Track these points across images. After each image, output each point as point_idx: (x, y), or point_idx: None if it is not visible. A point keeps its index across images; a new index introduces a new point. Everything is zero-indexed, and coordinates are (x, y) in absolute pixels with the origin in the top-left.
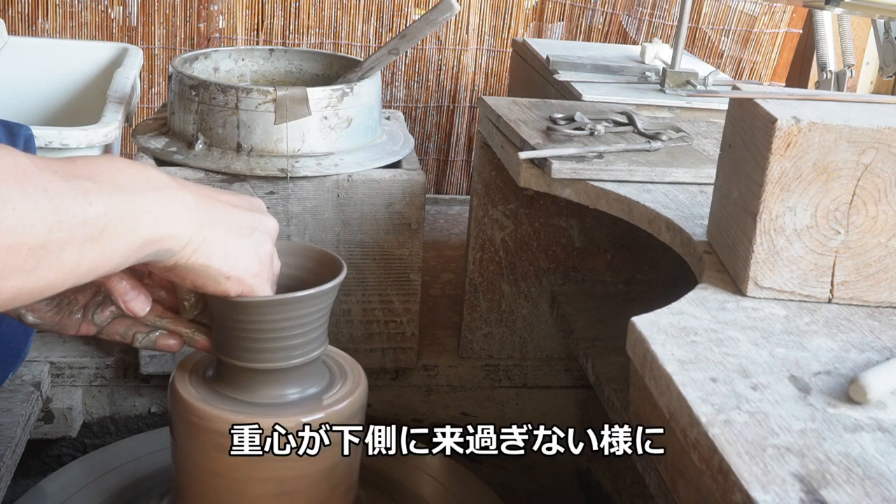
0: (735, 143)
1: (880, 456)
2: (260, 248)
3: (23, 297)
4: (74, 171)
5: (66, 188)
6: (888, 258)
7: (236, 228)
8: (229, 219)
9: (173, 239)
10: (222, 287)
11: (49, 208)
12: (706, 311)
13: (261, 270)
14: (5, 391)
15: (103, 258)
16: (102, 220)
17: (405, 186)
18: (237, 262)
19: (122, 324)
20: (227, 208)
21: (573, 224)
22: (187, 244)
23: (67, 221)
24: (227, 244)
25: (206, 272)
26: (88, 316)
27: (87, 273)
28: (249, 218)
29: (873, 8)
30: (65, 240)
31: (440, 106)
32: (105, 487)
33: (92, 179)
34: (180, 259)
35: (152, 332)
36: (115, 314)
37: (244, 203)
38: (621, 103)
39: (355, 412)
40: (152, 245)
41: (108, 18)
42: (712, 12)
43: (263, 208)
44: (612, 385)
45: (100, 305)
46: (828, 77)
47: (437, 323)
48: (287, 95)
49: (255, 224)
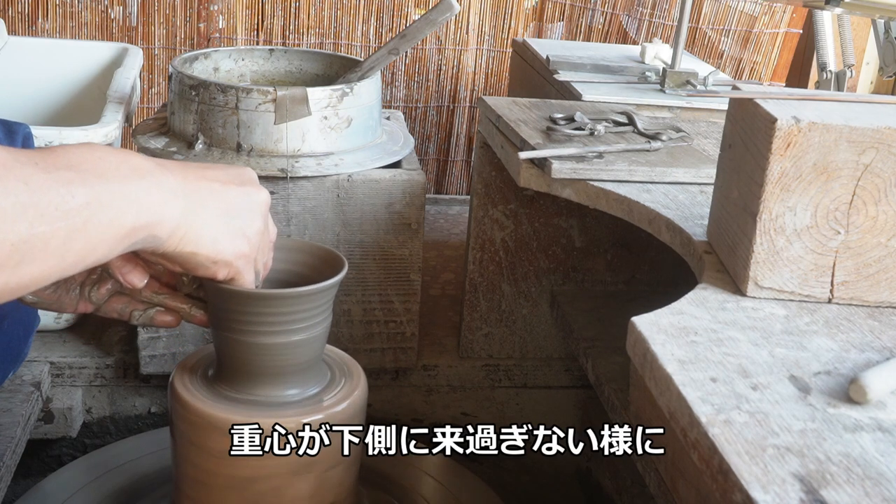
0: (735, 143)
1: (880, 456)
2: (249, 227)
3: (7, 293)
4: (55, 162)
5: (46, 180)
6: (888, 258)
7: (224, 209)
8: (218, 199)
9: (159, 226)
10: (210, 271)
11: (30, 202)
12: (706, 311)
13: (250, 251)
14: (5, 391)
15: (88, 249)
16: (85, 211)
17: (405, 186)
18: (225, 245)
19: (120, 301)
20: (215, 187)
21: (573, 224)
22: (174, 232)
23: (50, 214)
24: (216, 227)
25: (195, 259)
26: (86, 293)
27: (73, 265)
28: (239, 196)
29: (873, 8)
30: (48, 233)
31: (440, 106)
32: (105, 487)
33: (73, 169)
34: (168, 247)
35: (150, 309)
36: (111, 291)
37: (234, 178)
38: (621, 103)
39: (355, 412)
40: (138, 233)
41: (108, 18)
42: (712, 12)
43: (255, 180)
44: (612, 385)
45: (96, 283)
46: (828, 77)
47: (437, 323)
48: (287, 95)
49: (244, 203)
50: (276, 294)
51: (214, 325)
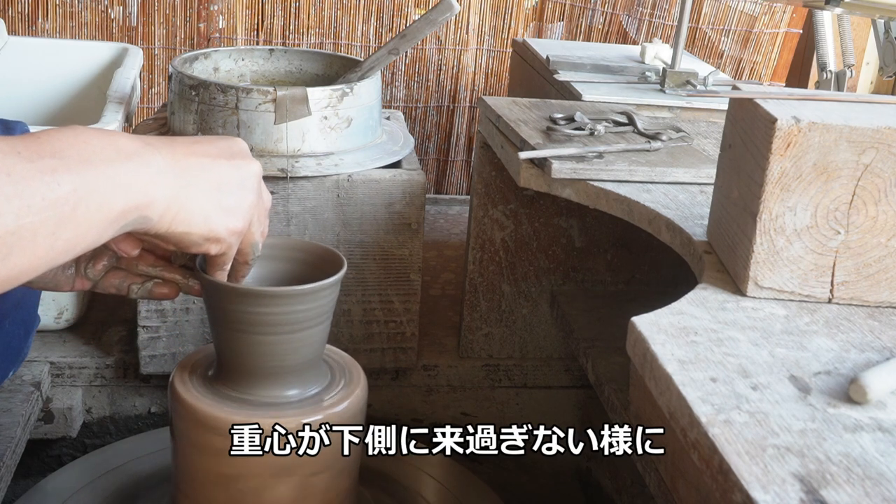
0: (735, 143)
1: (880, 456)
2: (241, 202)
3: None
4: (39, 150)
5: (31, 170)
6: (888, 258)
7: (215, 184)
8: (207, 175)
9: (149, 207)
10: (203, 248)
11: (14, 193)
12: (706, 311)
13: (242, 226)
14: (5, 391)
15: (78, 237)
16: (72, 198)
17: (405, 186)
18: (217, 223)
19: (117, 276)
20: (204, 163)
21: (573, 224)
22: (165, 212)
23: (36, 204)
24: (207, 205)
25: (188, 238)
26: (82, 270)
27: (63, 253)
28: (229, 170)
29: (873, 8)
30: (36, 223)
31: (440, 106)
32: (105, 487)
33: (58, 156)
34: (160, 227)
35: (147, 282)
36: (108, 267)
37: (223, 151)
38: (621, 103)
39: (355, 412)
40: (128, 216)
41: (108, 18)
42: (712, 12)
43: (244, 151)
44: (612, 385)
45: (92, 259)
46: (828, 77)
47: (437, 323)
48: (287, 95)
49: (235, 176)
50: (277, 292)
51: (214, 324)
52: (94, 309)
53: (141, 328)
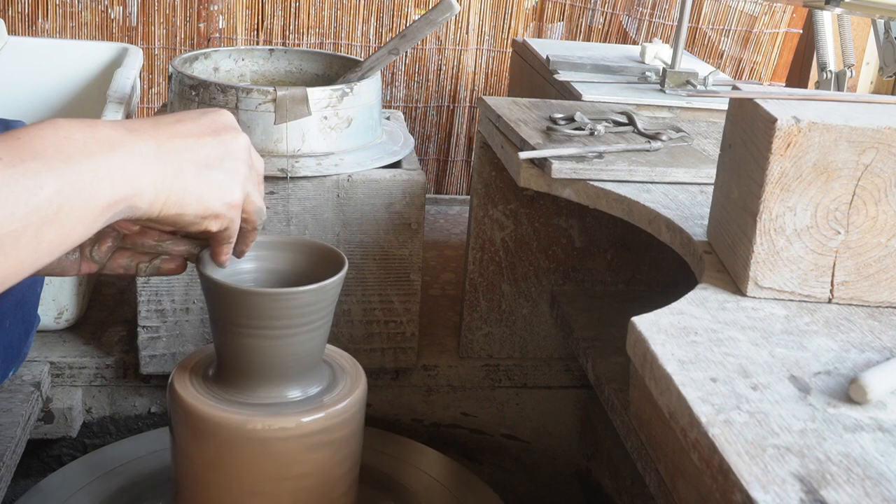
0: (735, 143)
1: (880, 456)
2: (232, 176)
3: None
4: (19, 153)
5: (12, 175)
6: (888, 258)
7: (203, 162)
8: (194, 155)
9: (136, 197)
10: (201, 227)
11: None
12: (706, 311)
13: (239, 199)
14: (5, 391)
15: (63, 236)
16: (56, 199)
17: (405, 186)
18: (211, 200)
19: (124, 256)
20: (190, 143)
21: (573, 224)
22: (154, 199)
23: (19, 211)
24: (198, 184)
25: (183, 219)
26: (87, 254)
27: (48, 254)
28: (216, 145)
29: (873, 8)
30: (19, 230)
31: (440, 106)
32: (105, 487)
33: (39, 157)
34: (152, 213)
35: (154, 259)
36: (113, 248)
37: (208, 126)
38: (621, 103)
39: (355, 412)
40: (115, 207)
41: (108, 18)
42: (712, 12)
43: (232, 123)
44: (612, 385)
45: (96, 241)
46: (828, 77)
47: (437, 323)
48: (287, 95)
49: (222, 151)
50: (278, 293)
51: (215, 324)
52: (94, 309)
53: (141, 328)
